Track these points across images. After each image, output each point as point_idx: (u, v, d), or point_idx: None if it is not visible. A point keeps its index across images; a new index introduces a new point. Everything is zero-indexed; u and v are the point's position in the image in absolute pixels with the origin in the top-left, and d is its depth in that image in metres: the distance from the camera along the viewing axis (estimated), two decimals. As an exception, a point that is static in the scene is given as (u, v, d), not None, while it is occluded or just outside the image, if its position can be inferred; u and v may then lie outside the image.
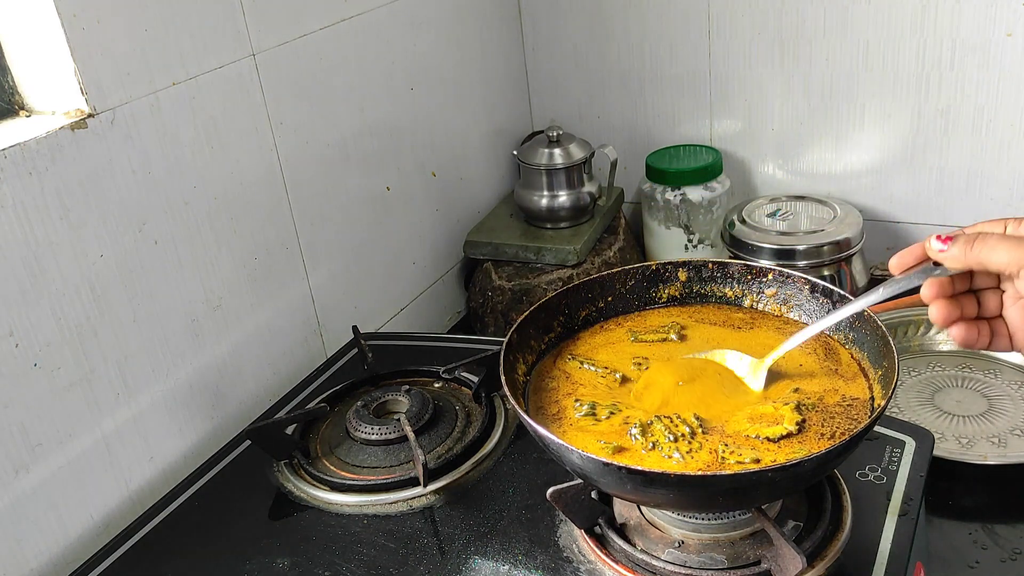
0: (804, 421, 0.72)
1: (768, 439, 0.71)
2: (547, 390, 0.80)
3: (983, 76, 1.26)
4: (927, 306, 0.68)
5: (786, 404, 0.74)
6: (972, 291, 0.69)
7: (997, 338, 0.69)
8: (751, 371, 0.78)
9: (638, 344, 0.84)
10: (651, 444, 0.72)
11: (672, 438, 0.72)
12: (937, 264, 0.67)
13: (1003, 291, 0.68)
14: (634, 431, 0.73)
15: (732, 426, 0.73)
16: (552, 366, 0.83)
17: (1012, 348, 0.69)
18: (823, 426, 0.72)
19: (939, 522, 0.95)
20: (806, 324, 0.84)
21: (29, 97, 0.87)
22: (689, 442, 0.71)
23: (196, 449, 0.99)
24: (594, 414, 0.76)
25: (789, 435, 0.71)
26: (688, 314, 0.87)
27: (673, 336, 0.84)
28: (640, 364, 0.82)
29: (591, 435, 0.74)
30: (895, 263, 0.69)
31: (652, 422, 0.74)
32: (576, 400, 0.77)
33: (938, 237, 0.66)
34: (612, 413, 0.76)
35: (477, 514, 0.83)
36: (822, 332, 0.82)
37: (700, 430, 0.73)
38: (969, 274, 0.68)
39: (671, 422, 0.73)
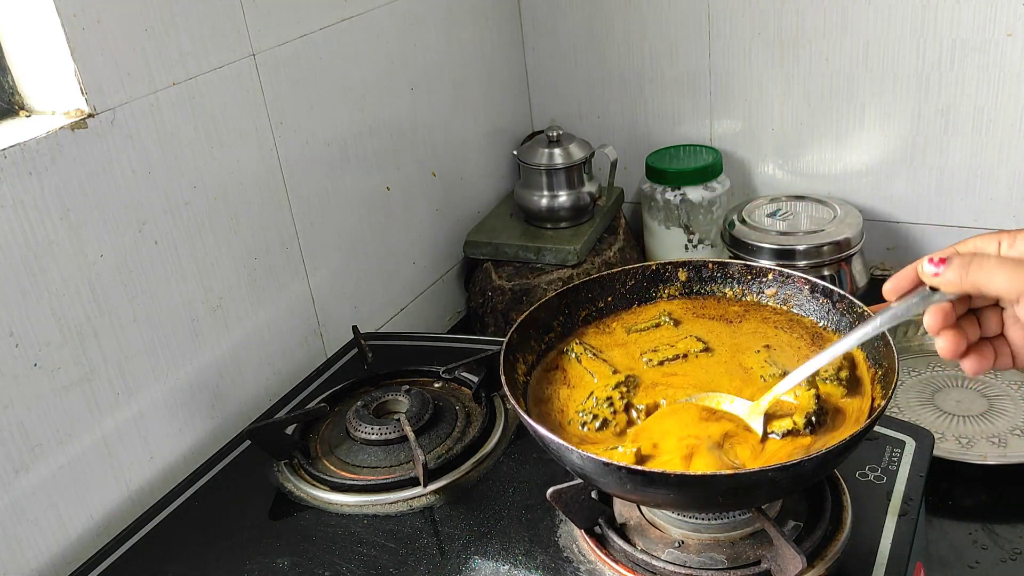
0: (818, 414, 0.72)
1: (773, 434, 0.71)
2: (548, 391, 0.80)
3: (983, 76, 1.26)
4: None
5: (809, 389, 0.73)
6: (970, 310, 0.66)
7: (1000, 357, 0.66)
8: (749, 415, 0.73)
9: (634, 334, 0.84)
10: None
11: None
12: (934, 288, 0.63)
13: (1003, 309, 0.65)
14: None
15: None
16: (553, 367, 0.83)
17: (1016, 366, 0.66)
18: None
19: (939, 522, 0.95)
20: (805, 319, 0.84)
21: (29, 97, 0.87)
22: None
23: (196, 449, 0.99)
24: (597, 421, 0.76)
25: (794, 432, 0.71)
26: (679, 305, 0.88)
27: (666, 319, 0.85)
28: (650, 360, 0.82)
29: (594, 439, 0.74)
30: (889, 288, 0.66)
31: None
32: (579, 411, 0.77)
33: (930, 260, 0.62)
34: (606, 420, 0.76)
35: (477, 514, 0.83)
36: (822, 332, 0.82)
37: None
38: (968, 295, 0.64)
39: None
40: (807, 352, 0.81)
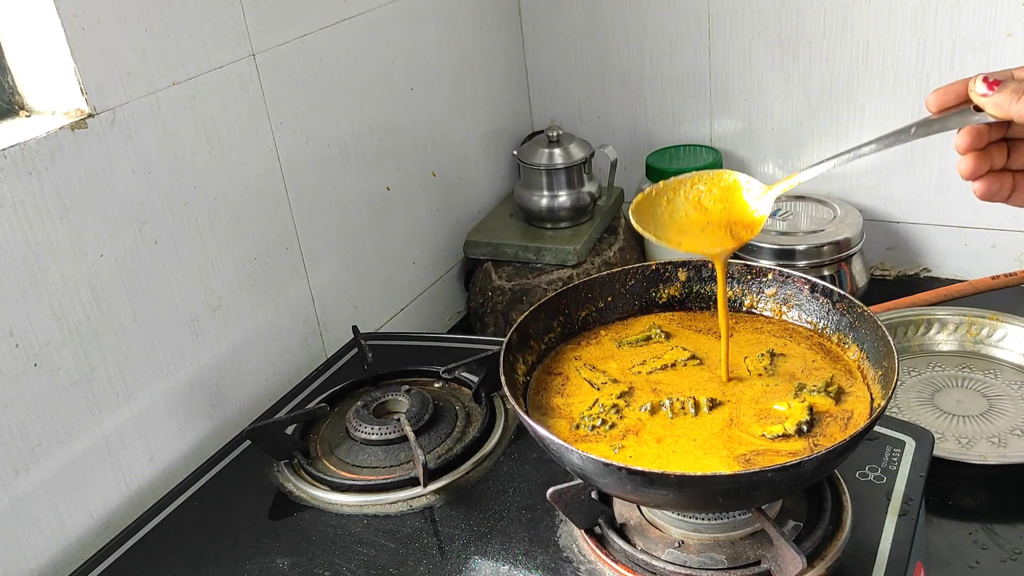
0: (810, 423, 0.72)
1: (764, 435, 0.71)
2: (548, 391, 0.80)
3: (983, 76, 1.26)
4: (961, 156, 0.63)
5: (800, 400, 0.74)
6: (1004, 139, 0.65)
7: (1018, 192, 0.64)
8: (760, 196, 0.74)
9: (625, 348, 0.84)
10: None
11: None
12: (977, 108, 0.62)
13: None
14: (645, 409, 0.75)
15: (741, 417, 0.74)
16: (553, 367, 0.83)
17: None
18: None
19: (939, 522, 0.95)
20: (804, 326, 0.84)
21: (29, 97, 0.87)
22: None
23: (196, 449, 0.99)
24: (601, 421, 0.76)
25: (786, 435, 0.71)
26: (669, 319, 0.87)
27: (657, 331, 0.85)
28: (639, 373, 0.82)
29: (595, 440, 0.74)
30: (932, 100, 0.64)
31: (663, 404, 0.75)
32: (585, 415, 0.77)
33: (984, 79, 0.60)
34: (612, 424, 0.76)
35: (477, 514, 0.83)
36: (822, 333, 0.82)
37: (707, 410, 0.74)
38: (1006, 123, 0.63)
39: (680, 406, 0.75)
40: (812, 356, 0.81)
